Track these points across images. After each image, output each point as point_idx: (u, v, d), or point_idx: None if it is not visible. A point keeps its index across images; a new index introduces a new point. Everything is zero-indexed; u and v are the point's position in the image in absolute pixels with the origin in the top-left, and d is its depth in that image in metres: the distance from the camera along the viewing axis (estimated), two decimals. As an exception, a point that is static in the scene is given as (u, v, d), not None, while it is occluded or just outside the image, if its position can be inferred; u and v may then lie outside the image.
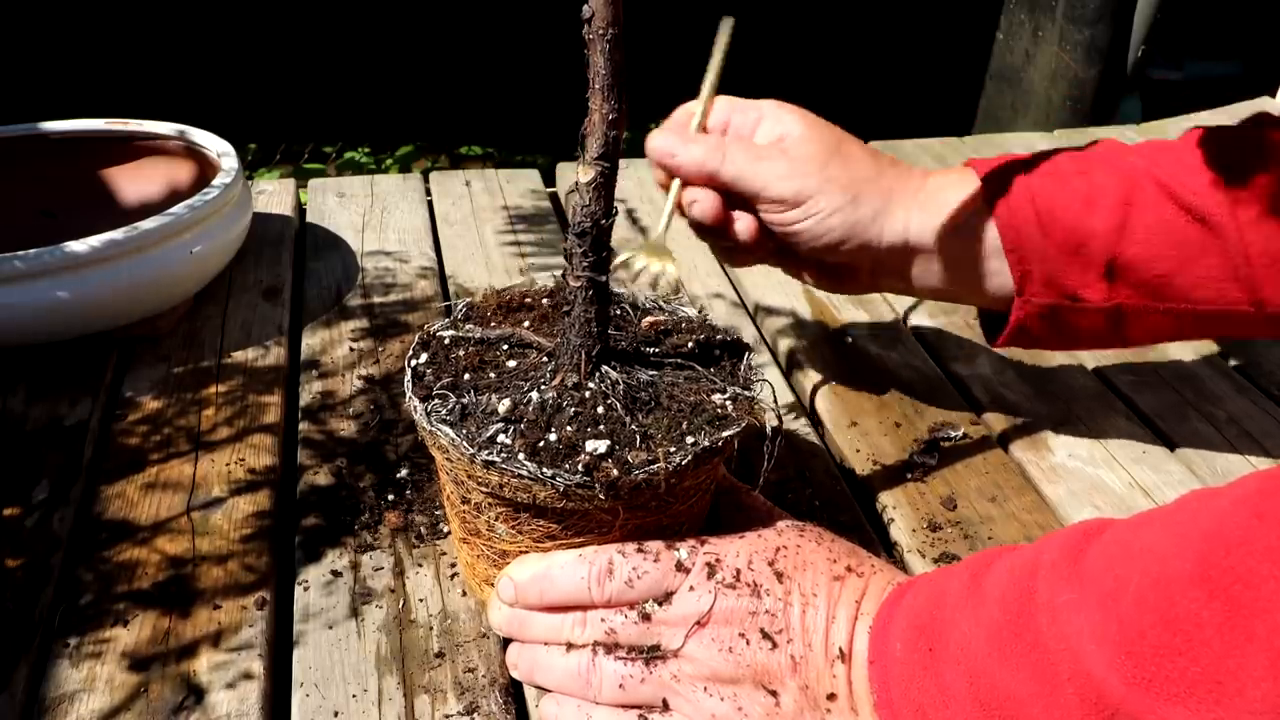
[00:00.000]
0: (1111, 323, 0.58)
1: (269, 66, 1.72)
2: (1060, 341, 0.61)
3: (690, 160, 0.57)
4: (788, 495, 0.62)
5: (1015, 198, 0.57)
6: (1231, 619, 0.31)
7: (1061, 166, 0.58)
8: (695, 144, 0.57)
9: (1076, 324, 0.59)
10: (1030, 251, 0.57)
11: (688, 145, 0.57)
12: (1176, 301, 0.56)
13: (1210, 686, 0.32)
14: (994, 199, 0.57)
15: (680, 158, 0.57)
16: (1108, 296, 0.57)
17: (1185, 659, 0.32)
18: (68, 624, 0.51)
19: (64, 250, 0.64)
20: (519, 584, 0.47)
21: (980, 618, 0.39)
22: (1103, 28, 1.51)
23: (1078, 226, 0.56)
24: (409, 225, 0.92)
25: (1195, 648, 0.32)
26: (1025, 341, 0.61)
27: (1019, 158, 0.59)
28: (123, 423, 0.65)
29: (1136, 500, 0.63)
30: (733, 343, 0.53)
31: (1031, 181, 0.57)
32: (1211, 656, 0.32)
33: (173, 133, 0.81)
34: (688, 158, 0.57)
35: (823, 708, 0.43)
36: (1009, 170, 0.58)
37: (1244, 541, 0.32)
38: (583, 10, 0.41)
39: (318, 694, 0.48)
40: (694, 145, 0.57)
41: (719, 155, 0.57)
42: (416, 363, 0.50)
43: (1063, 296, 0.57)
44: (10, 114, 0.86)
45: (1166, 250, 0.55)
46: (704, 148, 0.57)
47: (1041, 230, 0.56)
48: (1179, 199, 0.54)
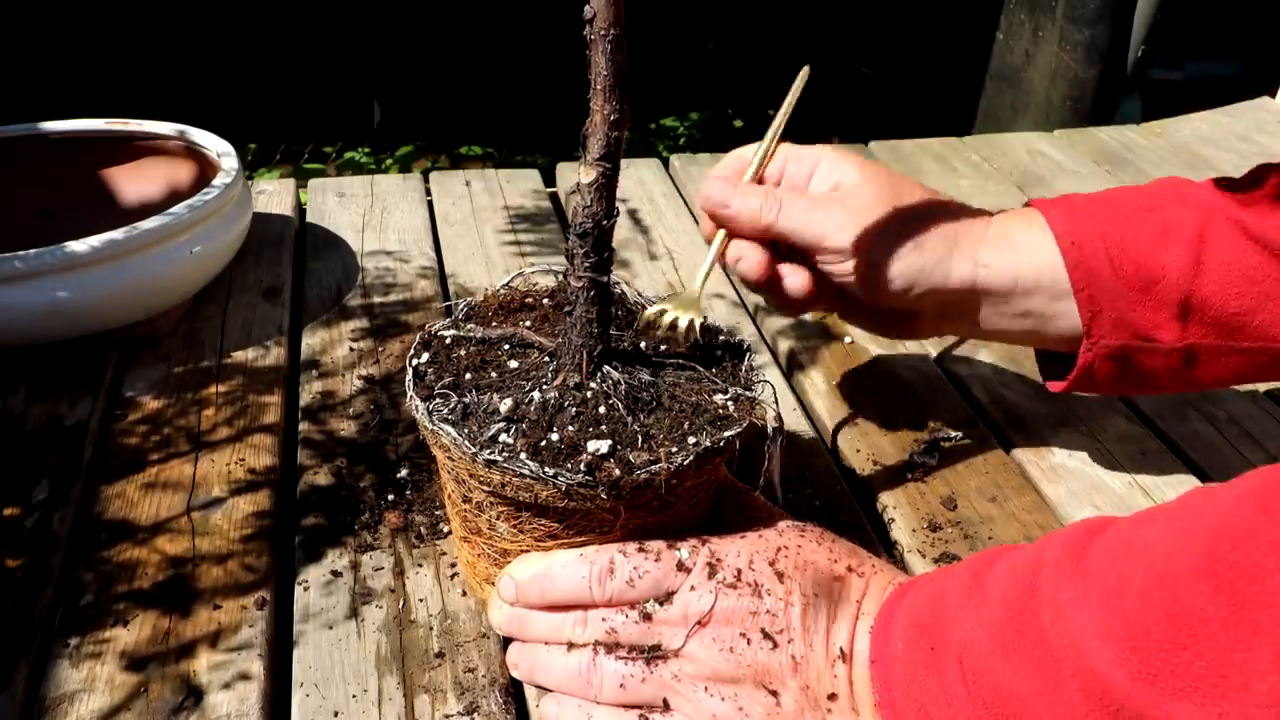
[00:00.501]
0: (1183, 364, 0.56)
1: (269, 66, 1.72)
2: (1126, 385, 0.58)
3: (745, 212, 0.55)
4: (788, 495, 0.62)
5: (1084, 236, 0.55)
6: (1237, 613, 0.31)
7: (1131, 203, 0.56)
8: (749, 195, 0.55)
9: (1147, 366, 0.56)
10: (1100, 290, 0.55)
11: (742, 196, 0.55)
12: (1253, 340, 0.54)
13: (1215, 680, 0.32)
14: (1062, 237, 0.55)
15: (734, 209, 0.55)
16: (1181, 336, 0.55)
17: (1190, 653, 0.32)
18: (68, 624, 0.51)
19: (64, 250, 0.64)
20: (520, 583, 0.47)
21: (982, 616, 0.39)
22: (1103, 28, 1.51)
23: (1150, 264, 0.54)
24: (409, 225, 0.92)
25: (1200, 642, 0.32)
26: (1089, 385, 0.58)
27: (1085, 196, 0.58)
28: (123, 423, 0.65)
29: (1136, 500, 0.63)
30: (733, 343, 0.53)
31: (1100, 220, 0.56)
32: (1217, 651, 0.32)
33: (173, 133, 0.81)
34: (742, 209, 0.55)
35: (823, 708, 0.43)
36: (1076, 208, 0.57)
37: (1249, 536, 0.32)
38: (584, 11, 0.41)
39: (318, 694, 0.48)
40: (748, 196, 0.55)
41: (774, 207, 0.55)
42: (418, 362, 0.50)
43: (1134, 337, 0.55)
44: (10, 114, 0.86)
45: (1243, 287, 0.53)
46: (759, 199, 0.55)
47: (1113, 268, 0.54)
48: (1254, 234, 0.53)
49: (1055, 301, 0.56)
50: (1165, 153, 1.14)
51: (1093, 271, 0.55)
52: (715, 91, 2.01)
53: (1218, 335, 0.55)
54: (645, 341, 0.52)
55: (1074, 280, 0.55)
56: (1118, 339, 0.56)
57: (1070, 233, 0.56)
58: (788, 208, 0.55)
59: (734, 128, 2.21)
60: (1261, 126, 1.22)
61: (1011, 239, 0.57)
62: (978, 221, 0.58)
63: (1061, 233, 0.56)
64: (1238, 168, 1.09)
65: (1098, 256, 0.55)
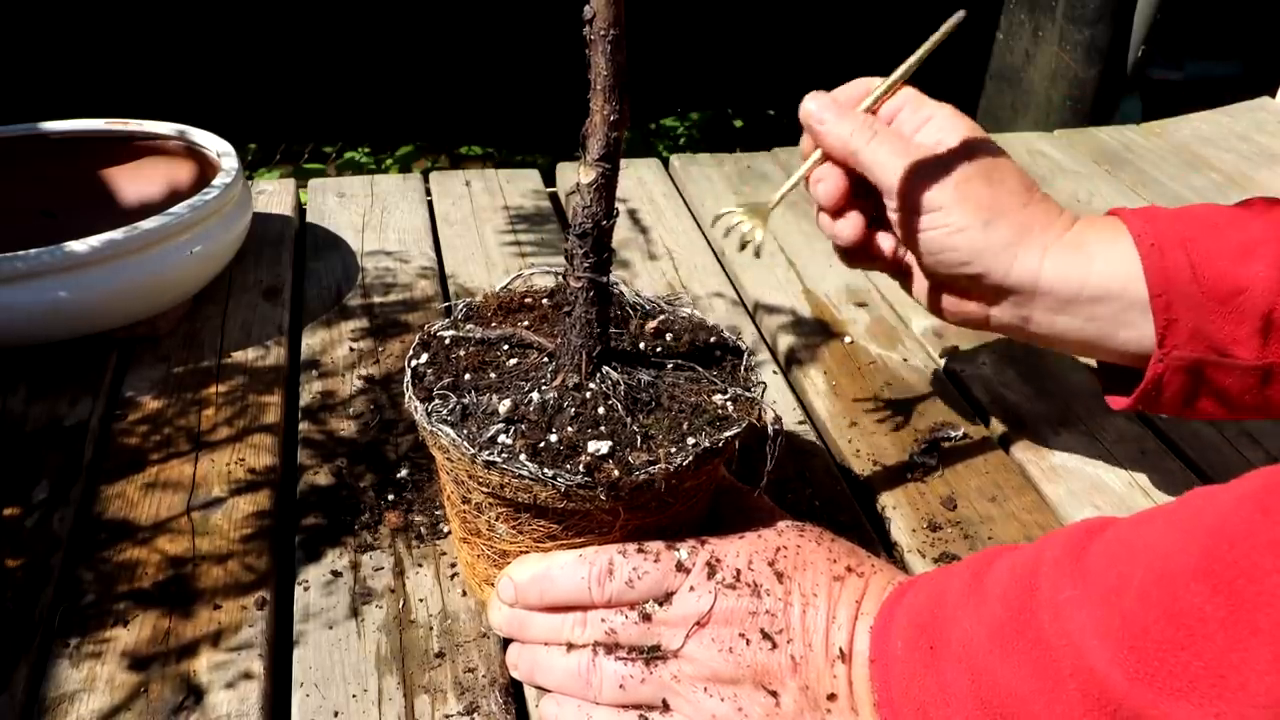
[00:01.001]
0: (1260, 383, 0.53)
1: (269, 66, 1.72)
2: (1194, 404, 0.56)
3: (837, 134, 0.55)
4: (788, 495, 0.62)
5: (1166, 241, 0.53)
6: (1235, 613, 0.31)
7: (1215, 216, 0.55)
8: (848, 119, 0.55)
9: (1220, 383, 0.54)
10: (1179, 298, 0.53)
11: (841, 118, 0.55)
12: None
13: (1214, 681, 0.32)
14: (1142, 239, 0.54)
15: (828, 127, 0.55)
16: (1260, 354, 0.52)
17: (1188, 653, 0.32)
18: (68, 624, 0.51)
19: (64, 250, 0.64)
20: (519, 584, 0.47)
21: (982, 616, 0.39)
22: (1103, 28, 1.51)
23: (1234, 275, 0.52)
24: (409, 225, 0.92)
25: (1199, 642, 0.32)
26: (1155, 401, 0.56)
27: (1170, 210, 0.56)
28: (123, 423, 0.65)
29: (1136, 500, 0.63)
30: (733, 343, 0.53)
31: (1184, 229, 0.54)
32: (1215, 651, 0.32)
33: (173, 133, 0.81)
34: (835, 130, 0.55)
35: (823, 708, 0.43)
36: (1160, 215, 0.55)
37: (1248, 536, 0.32)
38: (584, 11, 0.41)
39: (318, 694, 0.48)
40: (846, 120, 0.55)
41: (866, 136, 0.55)
42: (417, 363, 0.50)
43: (1210, 350, 0.53)
44: (10, 114, 0.86)
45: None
46: (854, 125, 0.55)
47: (1193, 275, 0.52)
48: None
49: (1124, 312, 0.54)
50: (1165, 153, 1.14)
51: (1172, 277, 0.53)
52: (715, 91, 2.01)
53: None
54: (643, 342, 0.52)
55: (1151, 285, 0.53)
56: (1193, 351, 0.53)
57: (1151, 235, 0.54)
58: (879, 143, 0.55)
59: (734, 128, 2.21)
60: (1261, 126, 1.22)
61: (1087, 245, 0.55)
62: (1059, 219, 0.56)
63: (1141, 235, 0.54)
64: (1238, 168, 1.10)
65: (1178, 263, 0.53)
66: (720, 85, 1.99)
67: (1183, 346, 0.54)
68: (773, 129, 2.08)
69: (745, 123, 2.21)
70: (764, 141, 1.20)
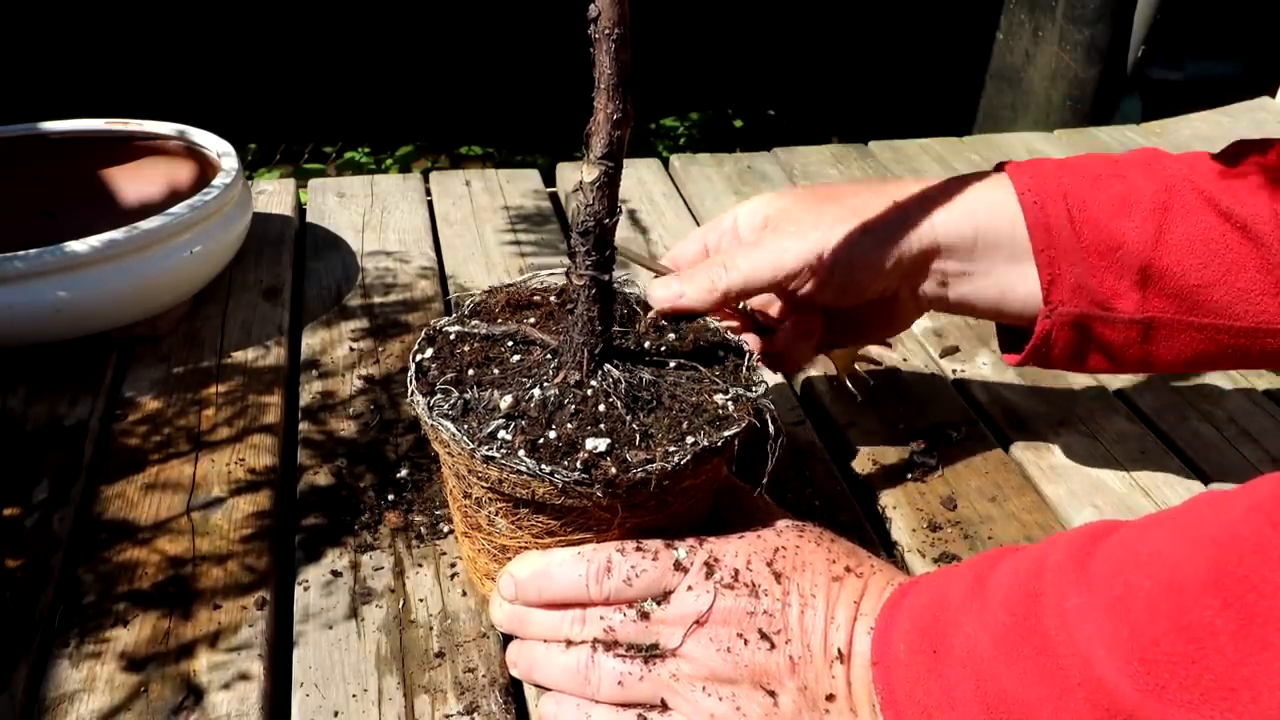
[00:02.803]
0: (1142, 337, 0.55)
1: (269, 66, 1.72)
2: (1084, 359, 0.57)
3: (698, 290, 0.54)
4: (788, 495, 0.62)
5: (1047, 197, 0.54)
6: (1246, 627, 0.31)
7: (1096, 169, 0.56)
8: (691, 274, 0.55)
9: (1106, 338, 0.55)
10: (1061, 252, 0.54)
11: (686, 280, 0.55)
12: (1212, 316, 0.54)
13: (1224, 694, 0.31)
14: (1025, 195, 0.55)
15: (689, 295, 0.54)
16: (1140, 307, 0.54)
17: (1199, 666, 0.32)
18: (68, 624, 0.51)
19: (64, 250, 0.64)
20: (519, 580, 0.47)
21: (985, 620, 0.39)
22: (1103, 28, 1.51)
23: (1112, 229, 0.53)
24: (409, 225, 0.92)
25: (1209, 655, 0.32)
26: (1047, 357, 0.57)
27: (1054, 160, 0.57)
28: (123, 423, 0.65)
29: (1136, 500, 0.63)
30: (735, 343, 0.53)
31: (1064, 182, 0.55)
32: (1225, 664, 0.31)
33: (173, 133, 0.81)
34: (693, 289, 0.54)
35: (821, 708, 0.43)
36: (1040, 170, 0.56)
37: (1258, 549, 0.32)
38: (589, 10, 0.41)
39: (318, 694, 0.48)
40: (692, 276, 0.55)
41: (720, 271, 0.54)
42: (421, 357, 0.50)
43: (1093, 304, 0.54)
44: (10, 114, 0.86)
45: (1204, 259, 0.52)
46: (703, 272, 0.55)
47: (1074, 231, 0.54)
48: (1219, 207, 0.52)
49: (1016, 263, 0.55)
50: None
51: (1053, 232, 0.54)
52: (715, 91, 2.01)
53: (1177, 309, 0.54)
54: (648, 341, 0.52)
55: (1034, 240, 0.54)
56: (1076, 306, 0.55)
57: (1033, 191, 0.55)
58: (732, 263, 0.55)
59: (734, 128, 2.21)
60: (1261, 126, 1.22)
61: (973, 197, 0.56)
62: (922, 181, 0.57)
63: (1024, 190, 0.55)
64: (1238, 168, 1.10)
65: (1059, 217, 0.54)
66: (720, 85, 1.99)
67: (1068, 302, 0.55)
68: (773, 129, 2.08)
69: (745, 123, 2.21)
70: (764, 141, 1.20)
